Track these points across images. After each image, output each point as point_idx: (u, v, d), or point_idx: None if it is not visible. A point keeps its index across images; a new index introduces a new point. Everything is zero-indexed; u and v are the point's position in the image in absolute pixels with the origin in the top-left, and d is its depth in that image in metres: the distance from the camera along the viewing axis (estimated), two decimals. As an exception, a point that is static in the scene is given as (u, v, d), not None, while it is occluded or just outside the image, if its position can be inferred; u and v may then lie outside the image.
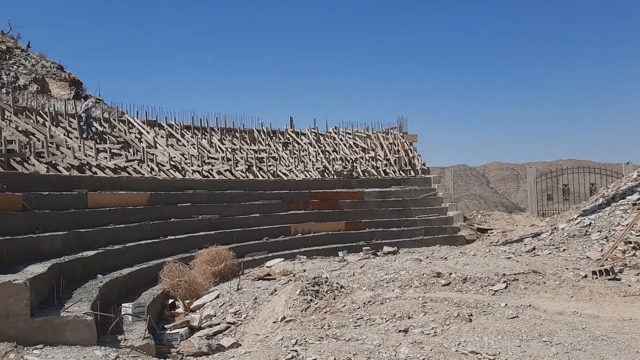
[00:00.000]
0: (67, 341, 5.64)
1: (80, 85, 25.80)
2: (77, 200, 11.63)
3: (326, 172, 21.25)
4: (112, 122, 18.71)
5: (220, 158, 19.16)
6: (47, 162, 13.83)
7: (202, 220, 14.74)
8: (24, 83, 23.83)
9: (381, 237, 18.33)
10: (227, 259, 11.83)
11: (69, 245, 9.52)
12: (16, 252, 7.70)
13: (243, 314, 8.88)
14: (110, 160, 15.81)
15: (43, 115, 16.99)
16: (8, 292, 5.43)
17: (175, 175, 16.59)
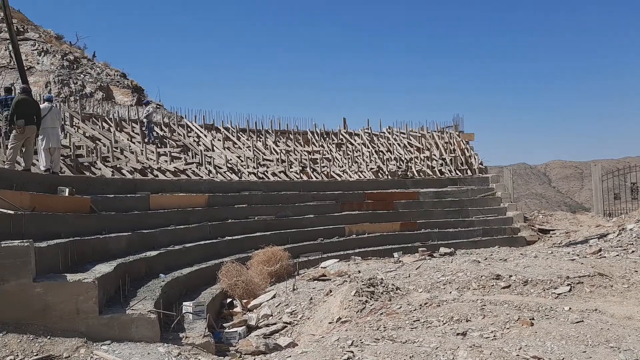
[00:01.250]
0: (133, 338, 5.90)
1: (142, 92, 26.88)
2: (140, 202, 12.11)
3: (380, 173, 21.12)
4: (171, 126, 19.37)
5: (275, 160, 19.43)
6: (112, 166, 14.50)
7: (258, 221, 15.00)
8: (90, 91, 25.08)
9: (437, 238, 18.02)
10: (282, 259, 11.98)
11: (133, 246, 9.93)
12: (85, 252, 8.11)
13: (299, 314, 8.97)
14: (170, 164, 16.38)
15: (108, 121, 17.81)
16: (78, 290, 5.74)
17: (231, 177, 16.98)
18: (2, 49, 25.50)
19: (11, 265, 5.46)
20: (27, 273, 5.53)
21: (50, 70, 25.39)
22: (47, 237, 7.42)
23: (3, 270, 5.43)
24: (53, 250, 6.73)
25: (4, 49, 25.48)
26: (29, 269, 5.56)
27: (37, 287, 5.58)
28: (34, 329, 5.41)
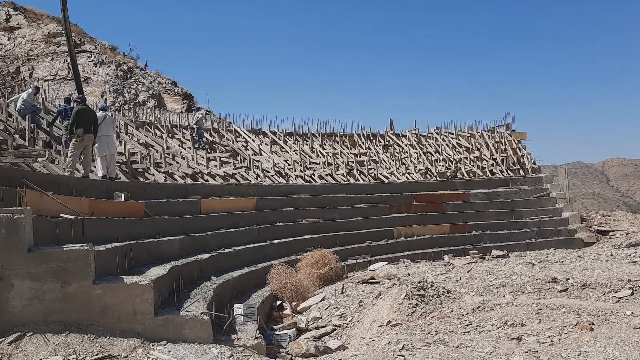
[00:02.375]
0: (187, 339, 6.04)
1: (192, 99, 27.59)
2: (192, 206, 12.41)
3: (428, 174, 20.82)
4: (220, 132, 19.78)
5: (322, 163, 19.50)
6: (164, 172, 14.94)
7: (305, 224, 15.08)
8: (143, 99, 25.96)
9: (489, 240, 17.58)
10: (331, 262, 11.99)
11: (185, 249, 10.17)
12: (140, 255, 8.37)
13: (348, 317, 8.94)
14: (219, 168, 16.72)
15: (160, 128, 18.37)
16: (135, 292, 5.94)
17: (279, 180, 17.16)
18: (61, 61, 26.77)
19: (73, 268, 5.71)
20: (87, 275, 5.77)
21: (106, 80, 26.44)
22: (104, 240, 7.71)
23: (65, 273, 5.68)
24: (111, 253, 6.98)
25: (62, 61, 26.74)
26: (89, 272, 5.79)
27: (97, 289, 5.80)
28: (94, 329, 5.63)
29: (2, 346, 5.24)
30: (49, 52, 27.65)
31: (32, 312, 5.55)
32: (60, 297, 5.65)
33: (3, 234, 5.47)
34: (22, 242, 5.56)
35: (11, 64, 26.87)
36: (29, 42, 28.44)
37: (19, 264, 5.53)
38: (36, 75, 26.24)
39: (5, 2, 30.58)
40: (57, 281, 5.65)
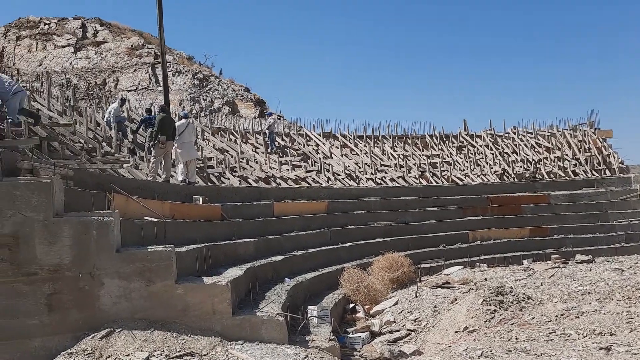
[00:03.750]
0: (263, 339, 6.17)
1: (264, 104, 28.26)
2: (265, 209, 12.68)
3: (505, 175, 20.07)
4: (292, 136, 20.11)
5: (393, 165, 19.32)
6: (239, 176, 15.38)
7: (377, 227, 14.98)
8: (218, 106, 26.90)
9: (572, 244, 16.65)
10: (403, 265, 11.82)
11: (259, 251, 10.40)
12: (217, 257, 8.65)
13: (423, 321, 8.78)
14: (291, 172, 16.99)
15: (234, 134, 18.94)
16: (213, 292, 6.14)
17: (350, 183, 17.17)
18: (143, 72, 28.29)
19: (157, 268, 6.00)
20: (170, 275, 6.04)
21: (183, 89, 27.65)
22: (184, 242, 8.04)
23: (150, 272, 5.98)
24: (191, 254, 7.27)
25: (144, 72, 28.26)
26: (172, 272, 6.06)
27: (179, 289, 6.06)
28: (176, 327, 5.88)
29: (94, 341, 5.59)
30: (131, 64, 29.33)
31: (120, 310, 5.87)
32: (145, 295, 5.95)
33: (94, 236, 5.84)
34: (111, 243, 5.90)
35: (98, 76, 28.74)
36: (114, 55, 30.30)
37: (108, 264, 5.87)
38: (120, 86, 27.91)
39: (92, 19, 32.79)
40: (143, 280, 5.95)
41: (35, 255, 5.68)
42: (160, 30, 16.19)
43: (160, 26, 16.16)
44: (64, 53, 30.61)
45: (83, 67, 29.49)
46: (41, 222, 5.70)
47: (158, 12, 15.97)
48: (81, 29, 31.83)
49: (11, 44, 31.61)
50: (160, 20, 16.06)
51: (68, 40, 31.10)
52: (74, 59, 30.27)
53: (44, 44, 31.31)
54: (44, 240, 5.70)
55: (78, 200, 6.69)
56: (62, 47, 30.93)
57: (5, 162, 6.18)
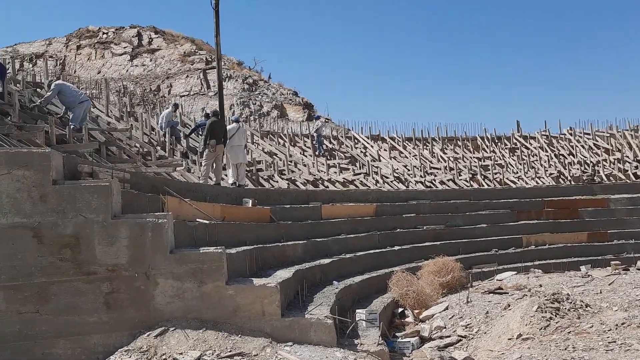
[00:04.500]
0: (311, 341, 6.19)
1: (312, 108, 28.47)
2: (313, 212, 12.74)
3: (561, 178, 19.37)
4: (339, 139, 20.14)
5: (443, 168, 19.01)
6: (287, 179, 15.54)
7: (426, 231, 14.76)
8: (267, 110, 27.31)
9: (634, 250, 15.84)
10: (454, 270, 11.59)
11: (308, 253, 10.46)
12: (267, 259, 8.76)
13: (474, 327, 8.57)
14: (339, 175, 17.01)
15: (283, 137, 19.16)
16: (263, 293, 6.22)
17: (398, 186, 17.02)
18: (195, 78, 29.07)
19: (208, 269, 6.13)
20: (221, 276, 6.16)
21: (233, 93, 28.23)
22: (234, 244, 8.19)
23: (202, 273, 6.12)
24: (240, 256, 7.39)
25: (195, 78, 29.03)
26: (223, 273, 6.18)
27: (229, 290, 6.17)
28: (227, 328, 5.99)
29: (149, 339, 5.77)
30: (184, 70, 30.21)
31: (174, 309, 6.04)
32: (197, 295, 6.09)
33: (149, 237, 6.03)
34: (165, 244, 6.09)
35: (153, 82, 29.76)
36: (168, 61, 31.31)
37: (163, 265, 6.05)
38: (174, 92, 28.79)
39: (147, 27, 34.01)
40: (195, 281, 6.10)
41: (94, 255, 5.93)
42: (217, 38, 16.66)
43: (217, 33, 16.63)
44: (120, 61, 31.89)
45: (139, 74, 30.61)
46: (100, 223, 5.95)
47: (215, 20, 16.43)
48: (137, 37, 33.07)
49: (72, 53, 33.20)
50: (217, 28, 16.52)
51: (125, 49, 32.38)
52: (130, 66, 31.48)
53: (103, 52, 32.73)
54: (102, 240, 5.95)
55: (134, 203, 6.94)
56: (119, 55, 32.24)
57: (67, 166, 6.50)
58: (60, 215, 5.88)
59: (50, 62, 28.56)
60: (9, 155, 5.88)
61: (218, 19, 16.03)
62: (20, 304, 5.79)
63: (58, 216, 5.87)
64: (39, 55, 32.01)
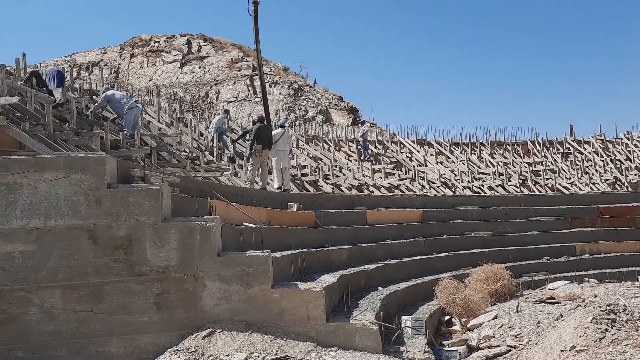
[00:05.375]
0: (356, 347, 6.16)
1: (357, 113, 28.44)
2: (358, 217, 12.69)
3: (617, 184, 18.56)
4: (385, 143, 20.02)
5: (491, 173, 18.58)
6: (332, 183, 15.56)
7: (474, 237, 14.44)
8: (312, 115, 27.46)
9: (697, 260, 14.98)
10: (503, 278, 11.27)
11: (352, 258, 10.42)
12: (311, 263, 8.78)
13: (525, 338, 8.30)
14: (384, 180, 16.89)
15: (328, 142, 19.22)
16: (308, 297, 6.24)
17: (445, 192, 16.74)
18: (242, 84, 29.58)
19: (254, 272, 6.21)
20: (266, 280, 6.22)
21: (279, 99, 28.56)
22: (280, 248, 8.25)
23: (248, 276, 6.20)
24: (286, 260, 7.44)
25: (242, 84, 29.54)
26: (268, 276, 6.24)
27: (275, 293, 6.22)
28: (273, 331, 6.04)
29: (197, 340, 5.89)
30: (231, 76, 30.82)
31: (221, 311, 6.14)
32: (243, 298, 6.17)
33: (198, 240, 6.17)
34: (213, 247, 6.20)
35: (201, 89, 30.49)
36: (216, 68, 32.02)
37: (210, 267, 6.17)
38: (221, 98, 29.39)
39: (196, 35, 34.91)
40: (241, 284, 6.19)
41: (145, 256, 6.11)
42: (257, 44, 16.92)
43: (256, 40, 16.89)
44: (171, 68, 32.85)
45: (188, 81, 31.45)
46: (151, 226, 6.12)
47: (254, 27, 16.70)
48: (186, 45, 33.99)
49: (126, 62, 34.47)
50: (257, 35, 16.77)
51: (175, 56, 33.34)
52: (180, 73, 32.38)
53: (154, 60, 33.82)
54: (153, 243, 6.12)
55: (183, 206, 7.11)
56: (169, 62, 33.23)
57: (121, 170, 6.73)
58: (113, 217, 6.10)
59: (105, 70, 29.71)
60: (67, 160, 6.15)
61: (257, 25, 16.26)
62: (76, 303, 6.02)
63: (112, 219, 6.09)
64: (95, 64, 33.40)
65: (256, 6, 16.90)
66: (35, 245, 6.00)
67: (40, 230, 6.02)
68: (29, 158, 6.17)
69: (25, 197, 6.02)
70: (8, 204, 6.00)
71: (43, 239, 6.02)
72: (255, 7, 16.97)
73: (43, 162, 6.10)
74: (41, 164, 6.07)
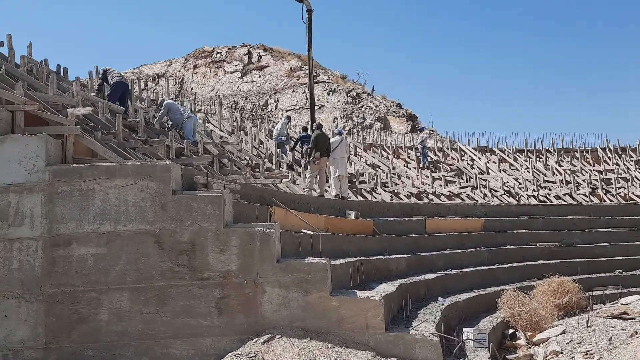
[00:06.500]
0: (415, 358, 6.03)
1: (416, 119, 28.10)
2: (417, 225, 12.48)
3: (698, 193, 17.32)
4: (445, 150, 19.64)
5: (558, 181, 17.81)
6: (390, 191, 15.41)
7: (540, 248, 13.87)
8: (369, 122, 27.38)
9: None
10: (571, 291, 10.74)
11: (411, 267, 10.25)
12: (369, 271, 8.72)
13: (595, 355, 7.85)
14: (444, 188, 16.55)
15: (386, 149, 19.07)
16: (367, 306, 6.19)
17: (508, 200, 16.20)
18: (300, 92, 29.94)
19: (313, 279, 6.23)
20: (325, 287, 6.22)
21: (337, 106, 28.67)
22: (337, 255, 8.23)
23: (307, 283, 6.23)
24: (344, 268, 7.41)
25: (301, 92, 29.89)
26: (327, 284, 6.24)
27: (333, 301, 6.21)
28: (331, 338, 6.02)
29: (257, 345, 5.96)
30: (290, 85, 31.27)
31: (280, 317, 6.19)
32: (302, 305, 6.20)
33: (258, 246, 6.26)
34: (273, 254, 6.28)
35: (261, 97, 31.12)
36: (275, 77, 32.60)
37: (270, 273, 6.24)
38: (280, 107, 29.87)
39: (257, 45, 35.71)
40: (300, 291, 6.22)
41: (208, 261, 6.27)
42: (309, 52, 17.10)
43: (309, 47, 17.08)
44: (232, 78, 33.76)
45: (248, 90, 32.19)
46: (213, 231, 6.28)
47: (307, 35, 16.89)
48: (247, 56, 34.84)
49: (189, 72, 35.73)
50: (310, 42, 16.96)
51: (236, 66, 34.25)
52: (241, 83, 33.21)
53: (216, 70, 34.86)
54: (215, 248, 6.27)
55: (243, 213, 7.24)
56: (230, 72, 34.15)
57: (185, 177, 6.95)
58: (178, 223, 6.30)
59: (170, 81, 30.93)
60: (135, 167, 6.42)
61: (310, 33, 16.44)
62: (142, 305, 6.26)
63: (176, 224, 6.30)
64: (161, 75, 34.83)
65: (310, 14, 17.10)
66: (105, 249, 6.30)
67: (111, 235, 6.31)
68: (101, 165, 6.49)
69: (97, 203, 6.33)
70: (81, 209, 6.33)
71: (113, 242, 6.30)
72: (309, 15, 17.18)
73: (113, 169, 6.41)
74: (112, 171, 6.38)
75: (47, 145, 6.47)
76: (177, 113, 12.71)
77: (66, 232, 6.31)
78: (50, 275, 6.27)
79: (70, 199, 6.33)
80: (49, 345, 6.20)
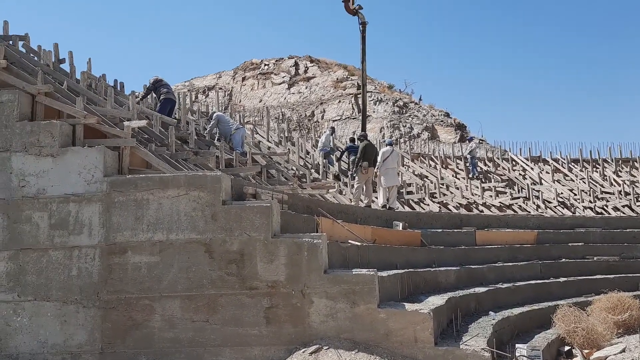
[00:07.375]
0: (467, 373, 5.90)
1: (464, 129, 27.58)
2: (466, 237, 12.22)
3: None
4: (495, 160, 19.18)
5: (617, 192, 17.05)
6: (439, 202, 15.16)
7: (597, 262, 13.28)
8: (417, 132, 27.10)
9: None
10: (632, 308, 10.21)
11: (461, 280, 10.03)
12: (418, 284, 8.58)
13: (660, 377, 7.43)
14: (495, 199, 16.14)
15: (434, 159, 18.81)
16: (416, 319, 6.09)
17: (563, 212, 15.63)
18: (347, 103, 30.00)
19: (360, 291, 6.19)
20: (373, 299, 6.17)
21: (384, 116, 28.53)
22: (385, 267, 8.16)
23: (354, 295, 6.20)
24: (392, 279, 7.34)
25: (347, 102, 29.95)
26: (375, 296, 6.19)
27: (381, 313, 6.15)
28: (379, 351, 5.96)
29: (304, 355, 5.97)
30: (336, 95, 31.38)
31: (327, 328, 6.18)
32: (349, 316, 6.17)
33: (305, 256, 6.29)
34: (320, 265, 6.29)
35: (308, 108, 31.38)
36: (321, 88, 32.80)
37: (317, 284, 6.25)
38: (327, 117, 30.00)
39: (303, 57, 36.10)
40: (347, 302, 6.20)
41: (256, 271, 6.35)
42: (363, 64, 17.19)
43: (363, 59, 17.18)
44: (279, 89, 34.21)
45: (295, 101, 32.53)
46: (262, 241, 6.36)
47: (361, 46, 16.98)
48: (294, 67, 35.25)
49: (238, 85, 36.47)
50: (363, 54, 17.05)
51: (283, 78, 34.70)
52: (288, 94, 33.61)
53: (264, 82, 35.43)
54: (263, 258, 6.34)
55: (290, 223, 7.30)
56: (278, 84, 34.63)
57: (234, 187, 7.09)
58: (227, 232, 6.42)
59: (219, 93, 31.65)
60: (187, 178, 6.60)
61: (364, 44, 16.51)
62: (193, 313, 6.39)
63: (226, 234, 6.42)
64: (211, 88, 35.71)
65: (364, 27, 17.21)
66: (158, 257, 6.48)
67: (163, 244, 6.49)
68: (155, 176, 6.71)
69: (150, 212, 6.54)
70: (136, 218, 6.56)
71: (165, 251, 6.48)
72: (363, 28, 17.30)
73: (166, 180, 6.61)
74: (165, 182, 6.58)
75: (105, 157, 6.75)
76: (226, 125, 13.00)
77: (122, 240, 6.55)
78: (106, 282, 6.51)
79: (125, 209, 6.57)
80: (105, 350, 6.42)
